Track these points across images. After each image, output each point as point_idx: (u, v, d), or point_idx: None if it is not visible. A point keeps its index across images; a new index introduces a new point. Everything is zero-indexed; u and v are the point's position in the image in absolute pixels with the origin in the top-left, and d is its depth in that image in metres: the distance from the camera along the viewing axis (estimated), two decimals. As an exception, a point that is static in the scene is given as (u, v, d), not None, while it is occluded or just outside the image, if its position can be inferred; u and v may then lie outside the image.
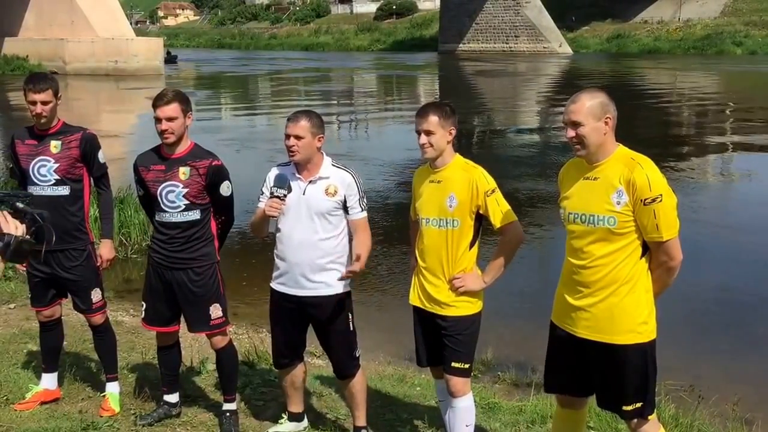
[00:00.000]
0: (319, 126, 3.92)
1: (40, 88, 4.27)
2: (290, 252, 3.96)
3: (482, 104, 28.44)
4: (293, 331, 4.11)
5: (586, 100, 3.22)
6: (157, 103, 4.07)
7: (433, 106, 3.78)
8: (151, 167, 4.19)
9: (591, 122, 3.19)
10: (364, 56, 64.01)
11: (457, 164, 3.78)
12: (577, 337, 3.38)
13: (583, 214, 3.27)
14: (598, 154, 3.25)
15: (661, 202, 3.12)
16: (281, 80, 40.83)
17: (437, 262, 3.77)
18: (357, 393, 4.16)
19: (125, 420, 4.49)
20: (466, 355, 3.81)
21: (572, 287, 3.37)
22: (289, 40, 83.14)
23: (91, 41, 44.27)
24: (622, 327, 3.27)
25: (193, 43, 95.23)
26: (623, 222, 3.19)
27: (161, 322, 4.35)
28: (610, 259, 3.24)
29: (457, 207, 3.69)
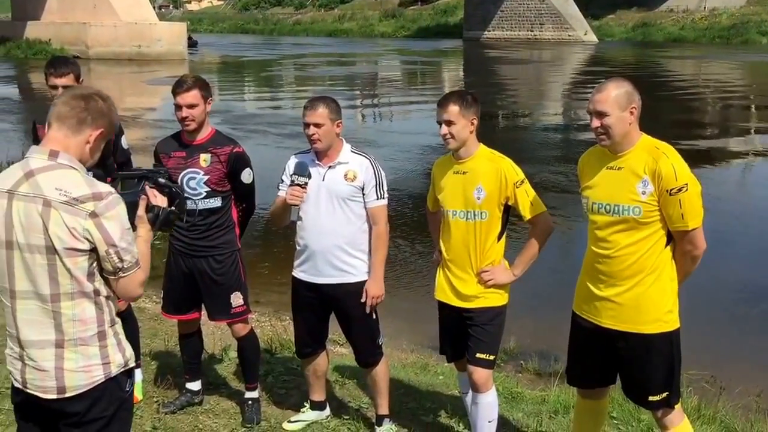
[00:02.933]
0: (337, 111, 3.89)
1: (61, 72, 4.25)
2: (311, 239, 3.93)
3: (506, 92, 28.22)
4: (315, 319, 4.09)
5: (612, 89, 3.20)
6: (177, 90, 4.04)
7: (454, 95, 3.72)
8: (172, 154, 4.17)
9: (616, 112, 3.17)
10: (388, 43, 63.77)
11: (482, 155, 3.73)
12: (602, 327, 3.36)
13: (608, 204, 3.26)
14: (623, 144, 3.24)
15: (686, 192, 3.11)
16: (304, 65, 40.78)
17: (465, 255, 3.73)
18: (380, 381, 4.14)
19: (148, 407, 4.51)
20: (491, 347, 3.76)
21: (596, 277, 3.35)
22: (313, 26, 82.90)
23: (114, 25, 44.36)
24: (649, 316, 3.26)
25: (216, 28, 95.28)
26: (648, 212, 3.17)
27: (181, 311, 4.35)
28: (636, 249, 3.23)
29: (486, 199, 3.64)
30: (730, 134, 19.15)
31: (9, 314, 2.54)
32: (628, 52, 49.16)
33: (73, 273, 2.44)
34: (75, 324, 2.48)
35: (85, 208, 2.40)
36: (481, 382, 3.76)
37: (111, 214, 2.43)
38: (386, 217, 3.99)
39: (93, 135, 2.53)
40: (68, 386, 2.49)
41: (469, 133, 3.67)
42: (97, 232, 2.41)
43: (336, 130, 3.87)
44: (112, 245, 2.44)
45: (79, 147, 2.51)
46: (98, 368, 2.52)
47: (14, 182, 2.46)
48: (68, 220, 2.39)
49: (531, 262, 3.75)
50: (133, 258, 2.51)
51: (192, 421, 4.38)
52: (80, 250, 2.42)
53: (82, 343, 2.49)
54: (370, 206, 3.91)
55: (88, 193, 2.42)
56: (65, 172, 2.45)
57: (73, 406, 2.51)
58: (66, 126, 2.49)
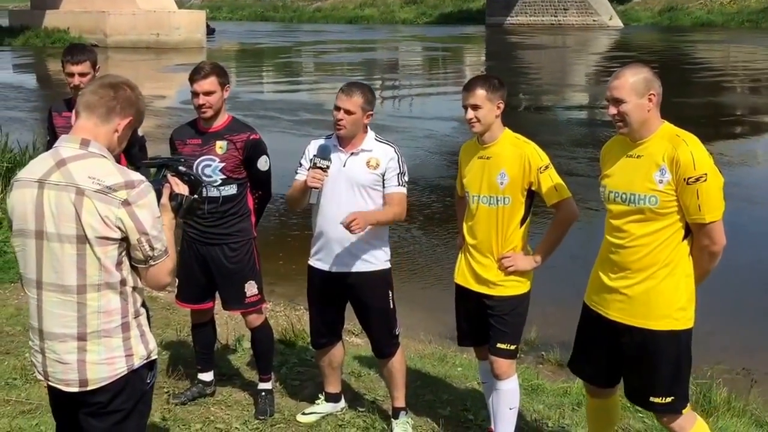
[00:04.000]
0: (371, 102, 3.81)
1: (78, 59, 4.23)
2: (328, 226, 3.85)
3: (529, 79, 27.95)
4: (331, 309, 4.02)
5: (629, 76, 3.10)
6: (194, 77, 3.99)
7: (481, 79, 3.67)
8: (188, 141, 4.12)
9: (634, 99, 3.07)
10: (409, 29, 63.54)
11: (506, 139, 3.67)
12: (609, 320, 3.26)
13: (624, 193, 3.16)
14: (642, 132, 3.13)
15: (705, 182, 2.99)
16: (322, 52, 40.70)
17: (487, 240, 3.67)
18: (396, 373, 4.06)
19: (158, 398, 4.41)
20: (513, 336, 3.70)
21: (609, 267, 3.25)
22: (333, 13, 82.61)
23: (133, 14, 44.37)
24: (658, 312, 3.14)
25: (236, 15, 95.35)
26: (665, 201, 3.06)
27: (195, 299, 4.29)
28: (650, 240, 3.11)
29: (509, 184, 3.59)
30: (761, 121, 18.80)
31: (33, 306, 2.54)
32: (655, 37, 48.60)
33: (102, 262, 2.44)
34: (99, 316, 2.48)
35: (118, 197, 2.42)
36: (503, 370, 3.71)
37: (143, 203, 2.45)
38: (405, 205, 3.90)
39: (122, 124, 2.55)
40: (90, 379, 2.49)
41: (495, 118, 3.62)
42: (129, 220, 2.43)
43: (365, 121, 3.80)
44: (144, 233, 2.45)
45: (108, 136, 2.53)
46: (121, 360, 2.51)
47: (45, 171, 2.47)
48: (101, 209, 2.41)
49: (554, 250, 3.69)
50: (163, 246, 2.52)
51: (203, 413, 4.32)
52: (112, 239, 2.44)
53: (105, 335, 2.49)
54: (389, 192, 3.83)
55: (121, 182, 2.43)
56: (97, 160, 2.47)
57: (95, 397, 2.51)
58: (95, 115, 2.51)
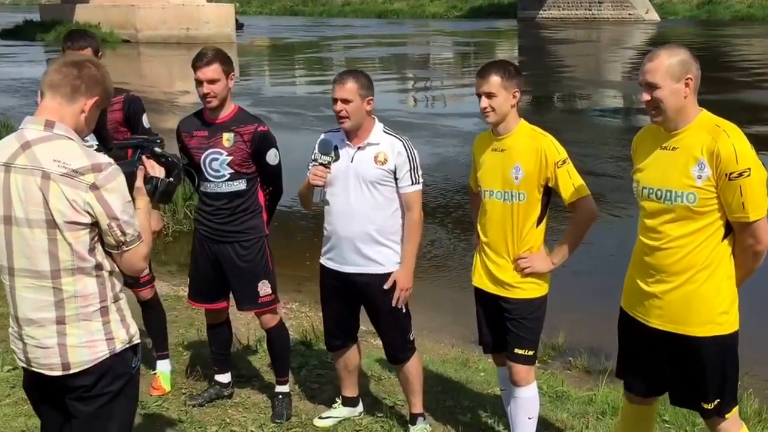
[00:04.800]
0: (368, 87, 3.70)
1: (79, 45, 4.16)
2: (338, 224, 3.78)
3: (563, 74, 27.63)
4: (344, 310, 3.96)
5: (665, 57, 2.90)
6: (197, 65, 3.89)
7: (496, 65, 3.51)
8: (195, 133, 4.05)
9: (669, 84, 2.88)
10: (438, 23, 63.24)
11: (522, 131, 3.52)
12: (650, 327, 3.13)
13: (659, 189, 2.99)
14: (678, 121, 2.94)
15: (748, 177, 2.81)
16: (351, 47, 40.64)
17: (501, 240, 3.55)
18: (412, 379, 3.99)
19: (176, 399, 4.47)
20: (531, 342, 3.60)
21: (644, 271, 3.11)
22: (362, 7, 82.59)
23: (162, 7, 44.52)
24: (700, 317, 3.01)
25: (266, 10, 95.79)
26: (704, 199, 2.89)
27: (207, 299, 4.25)
28: (688, 241, 2.95)
29: (524, 179, 3.45)
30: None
31: (8, 293, 2.53)
32: (693, 31, 47.79)
33: (74, 248, 2.41)
34: (77, 300, 2.46)
35: (85, 180, 2.37)
36: (521, 376, 3.62)
37: (111, 186, 2.40)
38: (421, 204, 3.82)
39: (88, 104, 2.48)
40: (72, 362, 2.48)
41: (511, 107, 3.47)
42: (98, 205, 2.38)
43: (366, 107, 3.69)
44: (113, 218, 2.41)
45: (75, 116, 2.47)
46: (102, 344, 2.51)
47: (10, 154, 2.42)
48: (68, 193, 2.36)
49: (572, 252, 3.56)
50: (135, 231, 2.48)
51: (220, 415, 4.32)
52: (81, 223, 2.40)
53: (84, 318, 2.48)
54: (404, 192, 3.74)
55: (88, 165, 2.38)
56: (63, 143, 2.42)
57: (79, 381, 2.50)
58: (60, 94, 2.45)
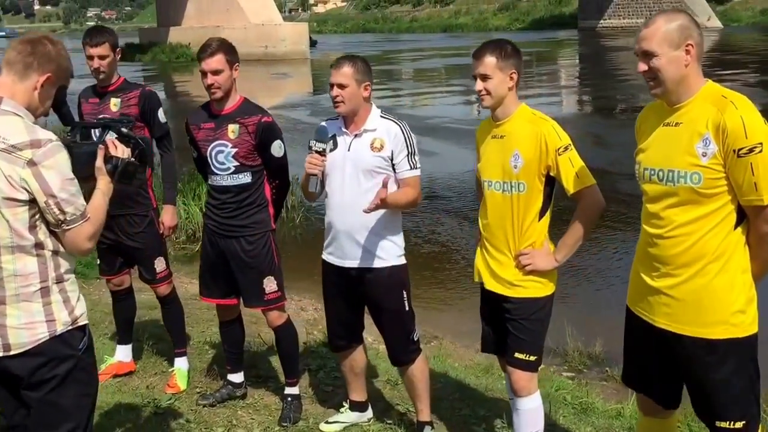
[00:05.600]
0: (365, 72, 3.38)
1: (96, 41, 3.97)
2: (336, 217, 3.45)
3: (624, 83, 26.58)
4: (347, 309, 3.61)
5: (662, 23, 2.48)
6: (201, 56, 3.66)
7: (491, 45, 3.10)
8: (202, 125, 3.80)
9: (667, 51, 2.45)
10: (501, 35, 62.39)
11: (522, 115, 3.10)
12: (656, 328, 2.64)
13: (661, 170, 2.52)
14: (680, 93, 2.50)
15: (761, 153, 2.34)
16: (418, 59, 40.33)
17: (501, 234, 3.13)
18: (417, 383, 3.61)
19: (188, 398, 4.18)
20: (532, 345, 3.15)
21: (649, 264, 2.63)
22: (429, 22, 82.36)
23: (244, 27, 45.33)
24: (712, 317, 2.51)
25: (340, 28, 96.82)
26: (711, 179, 2.42)
27: (217, 294, 3.97)
28: (695, 228, 2.48)
29: (523, 168, 3.02)
30: None
31: None
32: (756, 38, 45.63)
33: (12, 225, 2.25)
34: (16, 279, 2.29)
35: (23, 156, 2.24)
36: (521, 385, 3.16)
37: (49, 163, 2.26)
38: (420, 189, 3.46)
39: (40, 80, 2.35)
40: (12, 343, 2.33)
41: (508, 90, 3.07)
42: (34, 181, 2.24)
43: (363, 93, 3.37)
44: (51, 196, 2.27)
45: (27, 93, 2.34)
46: (42, 325, 2.35)
47: None
48: (5, 168, 2.23)
49: (576, 246, 3.09)
50: (76, 210, 2.30)
51: (229, 416, 4.01)
52: (19, 200, 2.23)
53: (24, 299, 2.30)
54: (402, 177, 3.39)
55: (26, 140, 2.25)
56: (7, 118, 2.28)
57: (22, 364, 2.34)
58: (13, 71, 2.34)
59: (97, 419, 3.85)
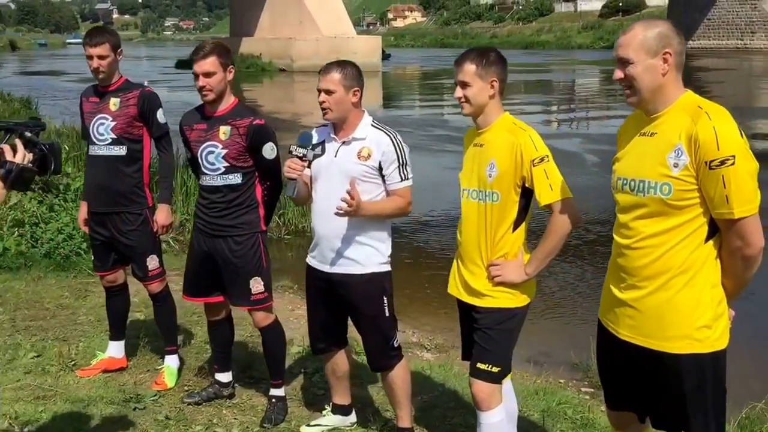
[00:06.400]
0: (354, 78, 3.39)
1: (96, 41, 4.11)
2: (320, 222, 3.50)
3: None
4: (328, 312, 3.63)
5: (640, 30, 2.47)
6: (194, 58, 3.77)
7: (474, 52, 3.11)
8: (195, 126, 3.91)
9: (643, 59, 2.44)
10: (584, 54, 61.72)
11: (502, 124, 3.09)
12: (620, 340, 2.61)
13: (633, 180, 2.50)
14: (656, 102, 2.48)
15: (732, 166, 2.30)
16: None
17: (475, 244, 3.12)
18: (396, 389, 3.59)
19: (174, 396, 4.25)
20: (496, 356, 3.09)
21: (617, 275, 2.61)
22: (509, 38, 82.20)
23: (316, 39, 46.24)
24: (675, 330, 2.47)
25: (417, 43, 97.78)
26: (681, 191, 2.39)
27: (200, 292, 4.04)
28: (662, 240, 2.45)
29: (498, 177, 3.01)
30: None
31: None
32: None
33: None
34: None
35: None
36: (482, 397, 3.10)
37: None
38: (410, 199, 3.46)
39: None
40: None
41: (489, 98, 3.06)
42: None
43: (352, 99, 3.40)
44: None
45: None
46: None
47: None
48: None
49: (547, 260, 3.06)
50: None
51: (213, 414, 4.06)
52: None
53: None
54: (393, 188, 3.40)
55: None
56: None
57: None
58: None
59: (74, 411, 3.98)
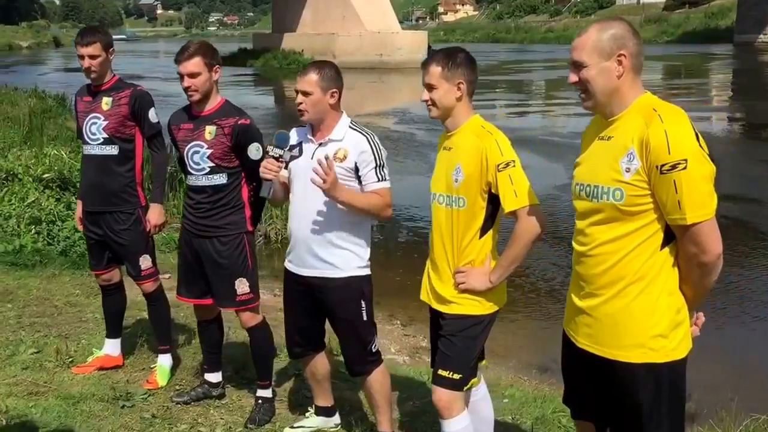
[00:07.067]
0: (332, 79, 3.46)
1: (87, 41, 4.24)
2: (295, 225, 3.59)
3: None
4: (306, 316, 3.72)
5: (594, 32, 2.48)
6: (178, 58, 3.88)
7: (440, 53, 3.16)
8: (182, 126, 4.03)
9: (597, 61, 2.45)
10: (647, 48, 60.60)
11: (470, 128, 3.12)
12: (578, 348, 2.65)
13: (588, 186, 2.53)
14: (613, 106, 2.49)
15: (684, 170, 2.29)
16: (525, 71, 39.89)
17: (442, 249, 3.17)
18: (375, 394, 3.67)
19: (163, 395, 4.39)
20: (458, 363, 3.14)
21: (576, 282, 2.66)
22: (566, 33, 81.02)
23: (359, 35, 46.49)
24: (629, 339, 2.49)
25: (468, 37, 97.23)
26: (634, 197, 2.40)
27: (193, 294, 4.17)
28: (617, 247, 2.47)
29: (464, 182, 3.05)
30: None
31: None
32: None
33: None
34: None
35: None
36: (442, 405, 3.16)
37: None
38: (390, 201, 3.52)
39: None
40: None
41: (456, 101, 3.11)
42: None
43: (329, 100, 3.47)
44: None
45: None
46: None
47: None
48: None
49: (511, 267, 3.08)
50: None
51: (200, 413, 4.19)
52: None
53: None
54: (370, 189, 3.46)
55: None
56: None
57: None
58: None
59: (63, 408, 4.13)
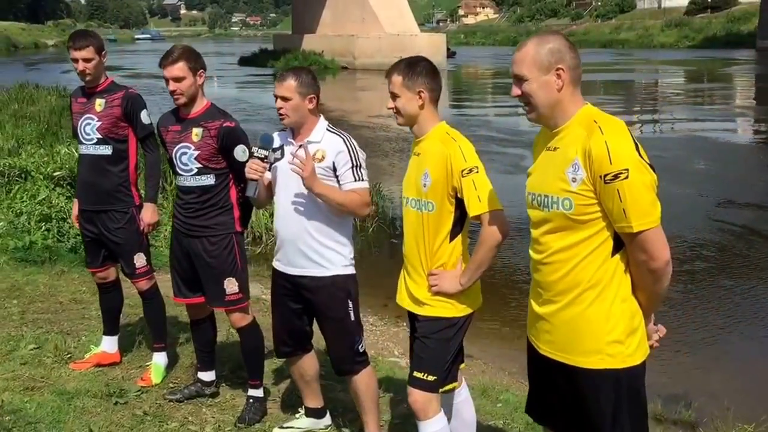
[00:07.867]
0: (309, 85, 3.59)
1: (80, 45, 4.35)
2: (281, 225, 3.69)
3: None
4: (293, 315, 3.78)
5: (532, 47, 2.56)
6: (163, 63, 3.98)
7: (402, 63, 3.27)
8: (170, 128, 4.13)
9: (537, 75, 2.53)
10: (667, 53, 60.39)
11: (436, 135, 3.23)
12: (540, 354, 2.70)
13: (539, 195, 2.61)
14: (556, 118, 2.57)
15: (627, 180, 2.38)
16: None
17: (415, 253, 3.27)
18: (361, 395, 3.71)
19: (156, 393, 4.43)
20: (432, 365, 3.20)
21: (535, 290, 2.73)
22: (587, 36, 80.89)
23: (379, 37, 46.75)
24: (586, 345, 2.54)
25: (488, 40, 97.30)
26: (582, 206, 2.48)
27: (186, 293, 4.23)
28: (570, 255, 2.54)
29: (431, 187, 3.16)
30: None
31: None
32: None
33: None
34: None
35: None
36: (417, 407, 3.21)
37: None
38: (367, 199, 3.63)
39: None
40: None
41: (419, 108, 3.22)
42: None
43: (308, 105, 3.60)
44: None
45: None
46: None
47: None
48: None
49: (479, 271, 3.17)
50: None
51: (191, 411, 4.23)
52: None
53: None
54: (347, 189, 3.56)
55: None
56: None
57: None
58: None
59: (57, 403, 4.19)
